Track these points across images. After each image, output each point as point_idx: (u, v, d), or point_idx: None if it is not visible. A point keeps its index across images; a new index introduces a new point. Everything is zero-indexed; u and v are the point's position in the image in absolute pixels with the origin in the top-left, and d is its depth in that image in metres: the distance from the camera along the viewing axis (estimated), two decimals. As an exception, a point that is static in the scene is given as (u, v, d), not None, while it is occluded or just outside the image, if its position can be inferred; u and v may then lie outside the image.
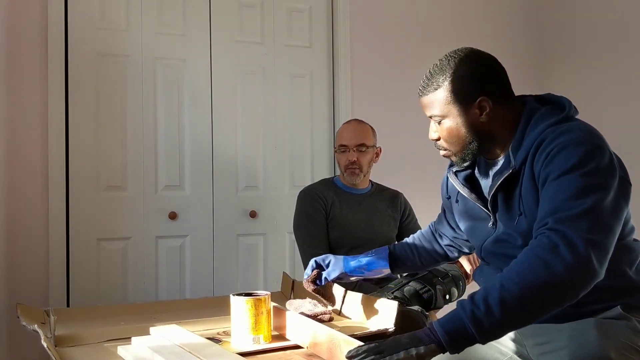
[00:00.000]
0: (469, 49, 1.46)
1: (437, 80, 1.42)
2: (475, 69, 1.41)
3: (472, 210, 1.53)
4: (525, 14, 3.88)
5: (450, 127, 1.42)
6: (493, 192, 1.41)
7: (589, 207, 1.20)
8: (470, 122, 1.41)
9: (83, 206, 2.88)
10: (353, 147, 2.51)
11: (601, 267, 1.18)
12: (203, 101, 3.13)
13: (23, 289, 2.73)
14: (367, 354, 1.18)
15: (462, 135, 1.42)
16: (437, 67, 1.43)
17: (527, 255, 1.20)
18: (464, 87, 1.39)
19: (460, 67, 1.40)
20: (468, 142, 1.42)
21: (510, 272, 1.19)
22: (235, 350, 1.46)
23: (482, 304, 1.16)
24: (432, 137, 1.48)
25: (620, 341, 1.29)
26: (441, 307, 2.31)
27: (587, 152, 1.26)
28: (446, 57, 1.44)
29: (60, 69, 2.82)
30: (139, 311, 1.96)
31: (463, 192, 1.52)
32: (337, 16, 3.38)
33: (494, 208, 1.44)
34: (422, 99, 1.46)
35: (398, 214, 2.62)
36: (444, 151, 1.48)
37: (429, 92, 1.43)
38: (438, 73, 1.42)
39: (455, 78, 1.40)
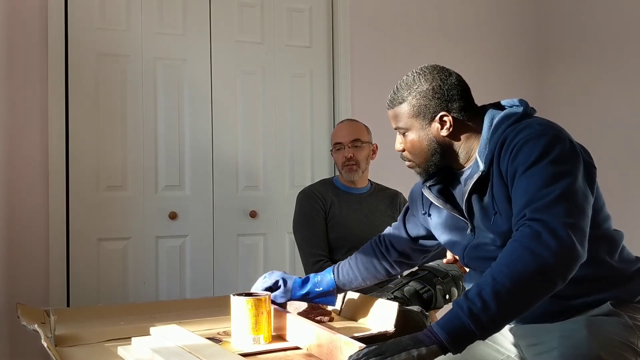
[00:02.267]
0: (434, 66, 1.52)
1: (402, 94, 1.49)
2: (437, 86, 1.47)
3: (449, 221, 1.56)
4: (525, 13, 3.88)
5: (413, 139, 1.50)
6: (467, 198, 1.44)
7: (561, 192, 1.25)
8: (431, 135, 1.48)
9: (83, 206, 2.89)
10: (348, 143, 2.52)
11: (583, 248, 1.23)
12: (203, 101, 3.13)
13: (23, 289, 2.73)
14: (368, 356, 1.19)
15: (424, 147, 1.49)
16: (403, 82, 1.51)
17: (512, 246, 1.23)
18: (426, 102, 1.47)
19: (423, 83, 1.48)
20: (430, 155, 1.49)
21: (500, 265, 1.21)
22: (235, 350, 1.46)
23: (477, 299, 1.17)
24: (398, 149, 1.55)
25: (611, 339, 1.30)
26: (441, 307, 2.31)
27: (548, 142, 1.31)
28: (412, 73, 1.52)
29: (60, 69, 2.82)
30: (139, 311, 1.96)
31: (437, 203, 1.55)
32: (337, 16, 3.38)
33: (470, 214, 1.47)
34: (388, 112, 1.54)
35: (397, 213, 2.61)
36: (408, 162, 1.55)
37: (394, 105, 1.51)
38: (403, 88, 1.50)
39: (418, 94, 1.47)
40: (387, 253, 1.78)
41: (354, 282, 1.78)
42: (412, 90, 1.49)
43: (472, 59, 3.70)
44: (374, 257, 1.80)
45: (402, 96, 1.50)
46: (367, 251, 1.81)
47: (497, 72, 3.75)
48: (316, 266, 2.41)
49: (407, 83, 1.50)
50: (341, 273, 1.77)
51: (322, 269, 2.39)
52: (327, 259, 2.44)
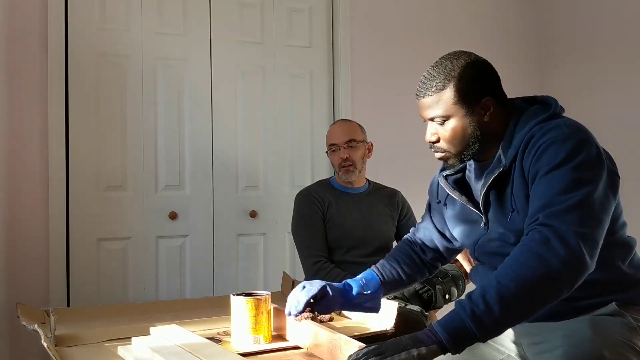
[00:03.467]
0: (465, 51, 1.47)
1: (441, 80, 1.41)
2: (481, 70, 1.44)
3: (463, 213, 1.53)
4: (525, 13, 3.88)
5: (455, 127, 1.42)
6: (485, 191, 1.42)
7: (578, 200, 1.23)
8: (475, 122, 1.42)
9: (83, 206, 2.89)
10: (343, 144, 2.51)
11: (592, 260, 1.21)
12: (203, 101, 3.13)
13: (23, 289, 2.73)
14: (368, 355, 1.18)
15: (467, 135, 1.42)
16: (439, 68, 1.43)
17: (520, 250, 1.22)
18: (472, 87, 1.41)
19: (466, 68, 1.42)
20: (471, 143, 1.43)
21: (506, 268, 1.20)
22: (236, 350, 1.46)
23: (481, 301, 1.17)
24: (431, 140, 1.47)
25: (614, 338, 1.29)
26: (441, 307, 2.32)
27: (574, 146, 1.28)
28: (447, 59, 1.44)
29: (60, 69, 2.82)
30: (139, 311, 1.96)
31: (453, 194, 1.51)
32: (337, 16, 3.38)
33: (486, 208, 1.45)
34: (422, 100, 1.45)
35: (396, 212, 2.61)
36: (441, 153, 1.47)
37: (432, 92, 1.42)
38: (441, 74, 1.42)
39: (462, 78, 1.40)
40: (423, 253, 1.72)
41: (399, 284, 1.67)
42: (454, 74, 1.41)
43: (472, 59, 3.70)
44: (414, 257, 1.71)
45: (442, 82, 1.41)
46: (404, 252, 1.71)
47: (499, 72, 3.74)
48: (315, 267, 2.41)
49: (445, 69, 1.42)
50: (384, 273, 1.64)
51: (321, 269, 2.39)
52: (326, 260, 2.44)
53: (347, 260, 2.47)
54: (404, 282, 1.67)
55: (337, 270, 2.39)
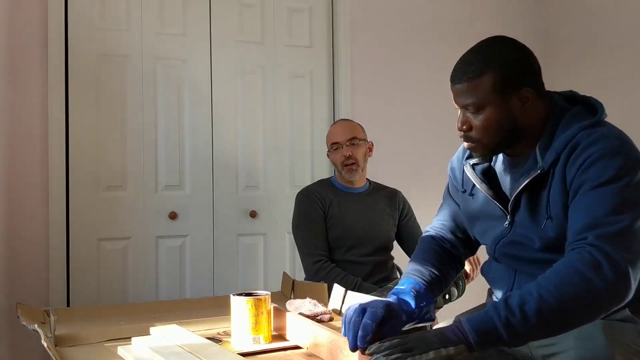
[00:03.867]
0: (506, 37, 1.37)
1: (480, 65, 1.32)
2: (522, 58, 1.35)
3: (485, 208, 1.46)
4: (526, 14, 3.88)
5: (489, 117, 1.33)
6: (517, 193, 1.36)
7: (629, 224, 1.19)
8: (510, 113, 1.33)
9: (83, 206, 2.89)
10: (345, 142, 2.52)
11: (635, 284, 1.18)
12: (203, 101, 3.13)
13: (23, 289, 2.73)
14: (393, 351, 1.13)
15: (502, 125, 1.34)
16: (478, 53, 1.35)
17: (566, 267, 1.17)
18: (512, 74, 1.32)
19: (507, 54, 1.34)
20: (505, 134, 1.35)
21: (549, 284, 1.16)
22: (236, 350, 1.46)
23: (518, 311, 1.14)
24: (463, 129, 1.37)
25: (627, 345, 1.28)
26: (441, 307, 2.31)
27: (624, 164, 1.23)
28: (487, 43, 1.36)
29: (60, 69, 2.82)
30: (139, 311, 1.96)
31: (480, 187, 1.43)
32: (337, 16, 3.38)
33: (515, 208, 1.38)
34: (457, 86, 1.35)
35: (397, 212, 2.62)
36: (472, 143, 1.38)
37: (469, 78, 1.33)
38: (480, 59, 1.33)
39: (504, 64, 1.32)
40: (455, 249, 1.61)
41: (441, 287, 1.54)
42: (494, 60, 1.32)
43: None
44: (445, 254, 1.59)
45: (481, 68, 1.32)
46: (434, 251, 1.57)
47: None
48: (316, 266, 2.42)
49: (486, 53, 1.34)
50: (426, 279, 1.48)
51: (322, 269, 2.40)
52: (326, 259, 2.44)
53: (348, 260, 2.47)
54: (442, 284, 1.54)
55: (337, 270, 2.40)
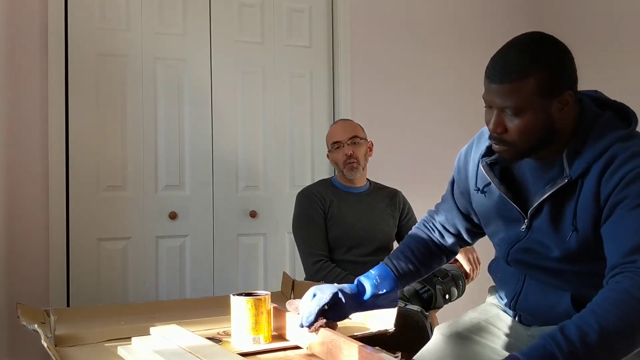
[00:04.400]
0: (545, 33, 1.28)
1: (523, 66, 1.23)
2: (567, 58, 1.26)
3: (501, 208, 1.40)
4: (526, 13, 3.88)
5: (528, 121, 1.25)
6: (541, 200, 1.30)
7: None
8: (549, 118, 1.25)
9: (83, 206, 2.89)
10: (347, 140, 2.52)
11: None
12: (203, 101, 3.13)
13: (23, 289, 2.73)
14: None
15: (540, 130, 1.26)
16: (523, 52, 1.25)
17: (622, 294, 1.12)
18: (556, 78, 1.24)
19: (554, 53, 1.25)
20: (541, 139, 1.27)
21: (608, 314, 1.10)
22: (236, 350, 1.46)
23: (580, 344, 1.08)
24: (497, 131, 1.28)
25: None
26: (441, 307, 2.32)
27: None
28: (531, 41, 1.27)
29: (60, 69, 2.82)
30: (139, 311, 1.95)
31: (499, 189, 1.37)
32: (337, 16, 3.38)
33: (535, 214, 1.33)
34: (496, 86, 1.25)
35: (397, 212, 2.62)
36: (503, 147, 1.30)
37: (510, 79, 1.23)
38: (524, 58, 1.24)
39: (547, 66, 1.23)
40: (442, 239, 1.59)
41: (416, 275, 1.56)
42: (541, 60, 1.23)
43: (472, 58, 3.69)
44: (431, 244, 1.59)
45: (524, 68, 1.22)
46: (420, 240, 1.59)
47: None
48: (316, 266, 2.42)
49: (531, 52, 1.24)
50: (399, 267, 1.51)
51: (322, 269, 2.40)
52: (327, 259, 2.44)
53: (348, 260, 2.48)
54: (420, 273, 1.57)
55: (337, 270, 2.40)
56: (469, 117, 3.60)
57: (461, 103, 3.65)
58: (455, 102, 3.64)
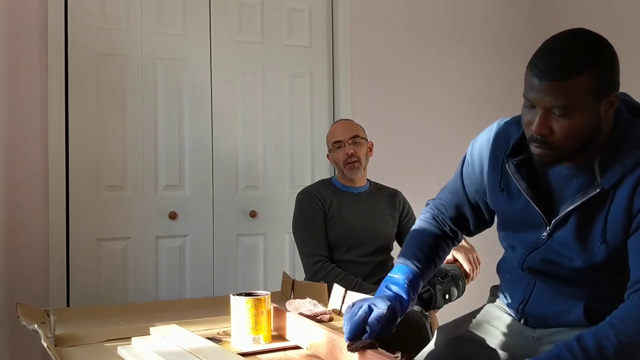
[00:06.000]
0: (592, 31, 1.21)
1: (577, 63, 1.16)
2: (615, 57, 1.21)
3: (523, 212, 1.34)
4: (526, 12, 3.88)
5: (578, 122, 1.18)
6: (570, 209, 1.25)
7: None
8: (597, 119, 1.20)
9: (83, 206, 2.89)
10: (348, 140, 2.53)
11: None
12: (203, 101, 3.13)
13: (23, 289, 2.73)
14: None
15: (588, 132, 1.20)
16: (575, 48, 1.18)
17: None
18: (607, 77, 1.19)
19: (602, 51, 1.19)
20: (587, 141, 1.21)
21: (627, 327, 1.09)
22: (235, 350, 1.46)
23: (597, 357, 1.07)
24: (543, 132, 1.20)
25: None
26: (441, 307, 2.31)
27: None
28: (582, 37, 1.20)
29: (60, 69, 2.82)
30: (139, 311, 1.95)
31: (526, 193, 1.30)
32: (337, 16, 3.38)
33: (561, 223, 1.28)
34: (546, 83, 1.18)
35: (397, 212, 2.62)
36: (546, 150, 1.22)
37: (563, 76, 1.16)
38: (580, 55, 1.17)
39: (600, 65, 1.17)
40: (453, 234, 1.56)
41: (433, 271, 1.51)
42: (591, 59, 1.16)
43: (472, 58, 3.70)
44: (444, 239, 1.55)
45: (580, 65, 1.15)
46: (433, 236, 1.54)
47: (499, 72, 3.75)
48: (316, 266, 2.42)
49: (585, 49, 1.18)
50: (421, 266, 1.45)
51: (322, 269, 2.40)
52: (327, 259, 2.44)
53: (348, 260, 2.48)
54: (437, 268, 1.53)
55: (337, 270, 2.40)
56: (469, 116, 3.60)
57: (461, 103, 3.65)
58: (455, 102, 3.64)
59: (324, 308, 1.78)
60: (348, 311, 1.32)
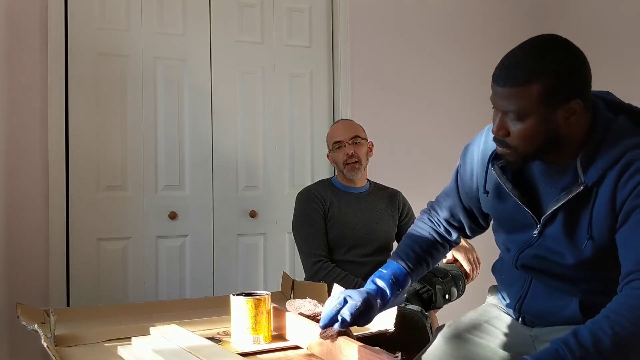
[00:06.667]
0: (560, 38, 1.24)
1: (529, 71, 1.20)
2: (576, 67, 1.23)
3: (512, 212, 1.37)
4: (526, 12, 3.88)
5: (528, 127, 1.23)
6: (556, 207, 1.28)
7: None
8: (553, 125, 1.23)
9: (83, 206, 2.89)
10: (348, 140, 2.53)
11: None
12: (203, 101, 3.13)
13: (23, 289, 2.73)
14: None
15: (540, 138, 1.24)
16: (529, 57, 1.22)
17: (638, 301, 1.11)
18: (562, 86, 1.21)
19: (561, 62, 1.21)
20: (542, 146, 1.25)
21: (623, 319, 1.09)
22: (235, 350, 1.46)
23: (594, 350, 1.07)
24: (499, 134, 1.27)
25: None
26: (441, 307, 2.31)
27: None
28: (540, 46, 1.23)
29: (60, 69, 2.82)
30: (139, 311, 1.96)
31: (512, 194, 1.34)
32: (337, 16, 3.38)
33: (549, 221, 1.31)
34: (500, 89, 1.24)
35: (397, 212, 2.62)
36: (505, 149, 1.29)
37: (514, 83, 1.21)
38: (531, 63, 1.20)
39: (554, 74, 1.20)
40: (448, 234, 1.59)
41: (424, 270, 1.56)
42: (546, 67, 1.19)
43: (472, 59, 3.70)
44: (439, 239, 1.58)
45: (529, 73, 1.19)
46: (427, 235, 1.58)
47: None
48: (316, 266, 2.42)
49: (536, 58, 1.20)
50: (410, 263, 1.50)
51: (322, 269, 2.40)
52: (326, 259, 2.44)
53: (348, 260, 2.48)
54: (429, 267, 1.58)
55: (337, 270, 2.40)
56: (469, 117, 3.60)
57: (461, 103, 3.65)
58: (455, 102, 3.64)
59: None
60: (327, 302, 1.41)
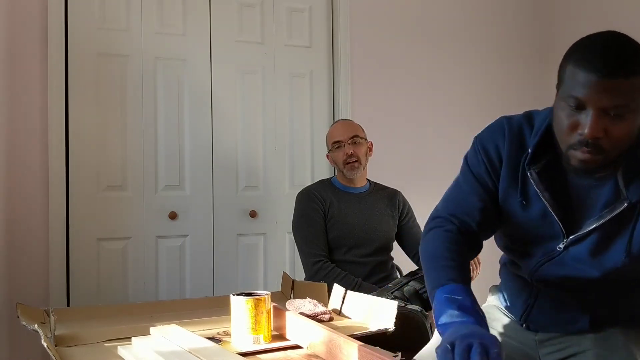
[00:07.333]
0: None
1: (637, 62, 1.08)
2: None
3: (539, 221, 1.26)
4: (527, 12, 3.88)
5: (631, 124, 1.10)
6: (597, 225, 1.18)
7: None
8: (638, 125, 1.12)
9: (83, 206, 2.89)
10: (347, 140, 2.53)
11: None
12: (203, 101, 3.13)
13: (23, 289, 2.73)
14: None
15: (632, 137, 1.12)
16: (630, 46, 1.10)
17: None
18: None
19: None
20: (629, 147, 1.13)
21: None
22: (235, 350, 1.46)
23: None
24: (599, 135, 1.10)
25: None
26: (441, 307, 2.31)
27: None
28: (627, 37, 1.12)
29: (60, 69, 2.82)
30: (139, 311, 1.95)
31: (548, 204, 1.21)
32: (337, 16, 3.38)
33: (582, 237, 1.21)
34: (606, 81, 1.07)
35: (397, 212, 2.62)
36: (596, 155, 1.12)
37: (627, 74, 1.06)
38: (636, 54, 1.09)
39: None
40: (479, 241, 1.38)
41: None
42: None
43: (472, 58, 3.70)
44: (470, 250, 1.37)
45: (638, 66, 1.07)
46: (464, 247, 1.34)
47: (499, 72, 3.75)
48: (316, 266, 2.42)
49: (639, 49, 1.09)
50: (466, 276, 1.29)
51: (322, 269, 2.40)
52: (326, 259, 2.44)
53: (348, 260, 2.48)
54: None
55: (337, 270, 2.40)
56: (469, 117, 3.60)
57: (461, 103, 3.65)
58: (455, 102, 3.64)
59: (324, 308, 1.78)
60: (447, 354, 1.07)
